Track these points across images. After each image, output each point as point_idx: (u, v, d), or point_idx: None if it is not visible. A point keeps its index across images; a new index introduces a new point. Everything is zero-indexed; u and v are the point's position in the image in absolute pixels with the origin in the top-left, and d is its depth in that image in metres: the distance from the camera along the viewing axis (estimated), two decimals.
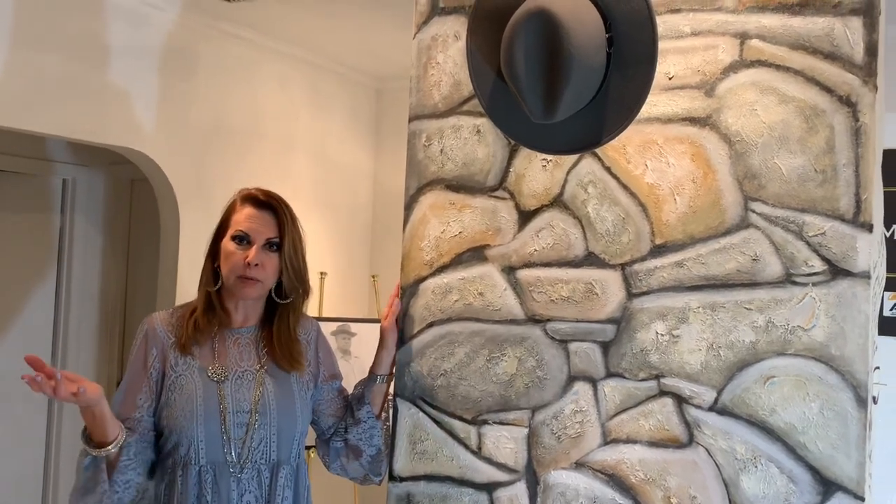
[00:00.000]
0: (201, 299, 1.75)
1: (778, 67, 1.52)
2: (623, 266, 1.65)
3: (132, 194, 4.12)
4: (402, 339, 1.86)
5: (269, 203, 1.78)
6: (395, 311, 1.84)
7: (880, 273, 1.64)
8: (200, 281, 1.79)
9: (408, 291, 1.88)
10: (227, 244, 1.74)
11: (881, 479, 2.66)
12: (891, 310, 2.79)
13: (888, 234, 2.81)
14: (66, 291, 3.89)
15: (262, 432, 1.70)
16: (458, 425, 1.79)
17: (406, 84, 1.93)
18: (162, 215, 3.52)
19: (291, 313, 1.82)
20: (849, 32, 1.47)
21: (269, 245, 1.75)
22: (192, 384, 1.68)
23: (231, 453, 1.67)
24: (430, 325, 1.84)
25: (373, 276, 4.33)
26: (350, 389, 1.92)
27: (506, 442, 1.74)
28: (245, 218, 1.74)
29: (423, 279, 1.86)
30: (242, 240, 1.73)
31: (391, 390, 1.87)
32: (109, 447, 1.58)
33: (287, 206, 1.81)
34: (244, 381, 1.72)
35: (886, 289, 2.81)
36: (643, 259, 1.63)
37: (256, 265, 1.71)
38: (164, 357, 1.70)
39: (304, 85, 4.09)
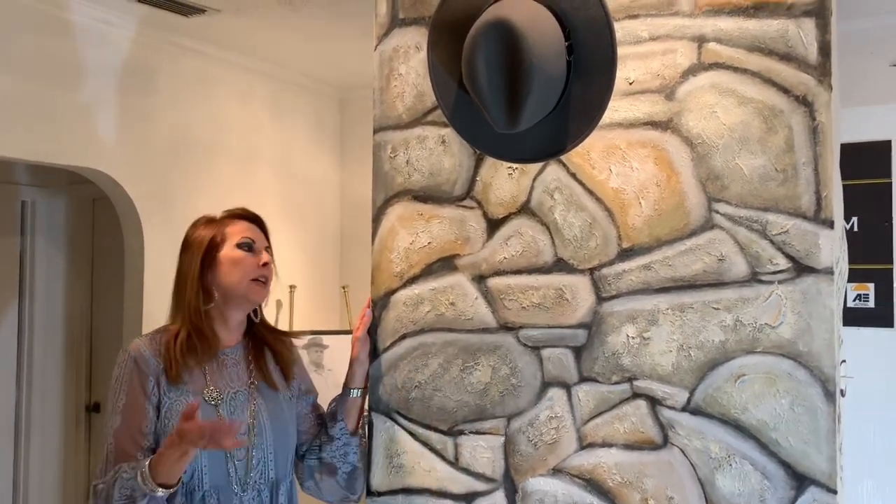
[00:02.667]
0: (189, 323, 1.71)
1: (735, 69, 1.54)
2: (592, 271, 1.66)
3: (94, 214, 4.05)
4: (375, 353, 1.85)
5: (255, 217, 1.85)
6: (367, 322, 1.83)
7: (843, 268, 1.67)
8: (183, 303, 1.73)
9: (379, 304, 1.87)
10: (233, 253, 1.75)
11: (850, 468, 2.71)
12: (854, 300, 2.85)
13: (848, 227, 2.87)
14: (29, 315, 3.80)
15: (259, 452, 1.70)
16: (434, 437, 1.78)
17: (370, 93, 1.92)
18: (125, 234, 3.47)
19: (271, 328, 1.86)
20: (802, 34, 1.49)
21: (266, 249, 1.82)
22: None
23: (234, 476, 1.66)
24: (403, 337, 1.83)
25: (343, 287, 4.31)
26: (325, 404, 1.91)
27: (483, 451, 1.73)
28: (242, 229, 1.78)
29: (394, 291, 1.85)
30: (249, 247, 1.77)
31: (366, 404, 1.86)
32: (174, 487, 1.55)
33: None
34: (238, 403, 1.71)
35: (849, 279, 2.86)
36: (611, 263, 1.64)
37: (266, 264, 1.77)
38: (158, 384, 1.67)
39: (266, 97, 4.06)
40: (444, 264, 1.81)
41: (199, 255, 1.74)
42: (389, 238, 1.87)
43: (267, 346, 1.82)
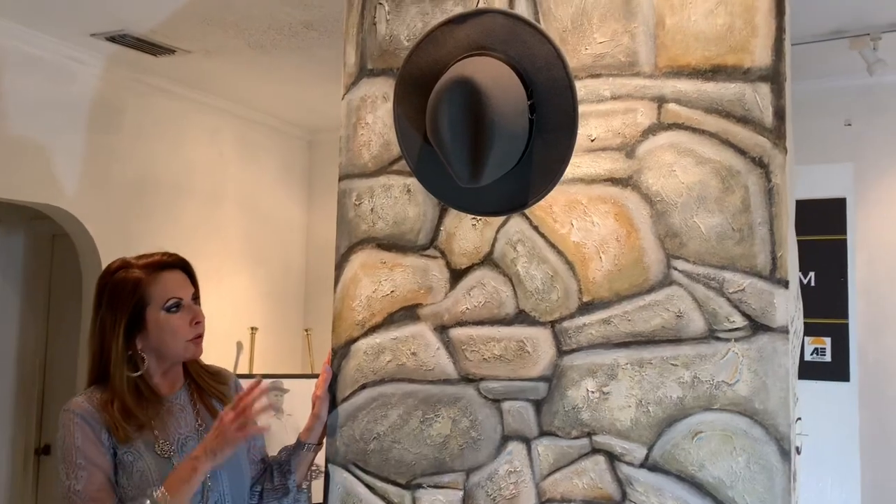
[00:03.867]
0: (124, 388, 1.62)
1: (694, 130, 1.58)
2: (553, 324, 1.67)
3: (53, 250, 3.97)
4: (334, 402, 1.83)
5: (177, 263, 1.72)
6: (327, 379, 1.81)
7: (798, 326, 1.70)
8: (108, 373, 1.63)
9: (339, 353, 1.85)
10: (162, 318, 1.65)
11: None
12: (811, 354, 2.89)
13: (805, 282, 2.93)
14: None
15: (215, 495, 1.66)
16: (391, 490, 1.75)
17: (338, 136, 1.93)
18: (84, 272, 3.40)
19: (206, 368, 1.82)
20: (758, 98, 1.54)
21: (193, 299, 1.73)
22: (144, 465, 1.60)
23: None
24: (363, 387, 1.81)
25: (306, 330, 4.26)
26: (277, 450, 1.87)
27: None
28: (167, 286, 1.68)
29: (355, 340, 1.84)
30: (177, 307, 1.67)
31: (316, 458, 1.83)
32: None
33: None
34: (189, 449, 1.66)
35: (807, 334, 2.91)
36: (572, 316, 1.65)
37: (198, 322, 1.70)
38: (109, 437, 1.61)
39: (234, 137, 4.05)
40: (407, 313, 1.80)
41: (123, 322, 1.63)
42: (352, 285, 1.86)
43: (205, 388, 1.77)
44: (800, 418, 1.71)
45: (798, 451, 1.63)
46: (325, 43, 3.14)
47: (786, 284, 1.50)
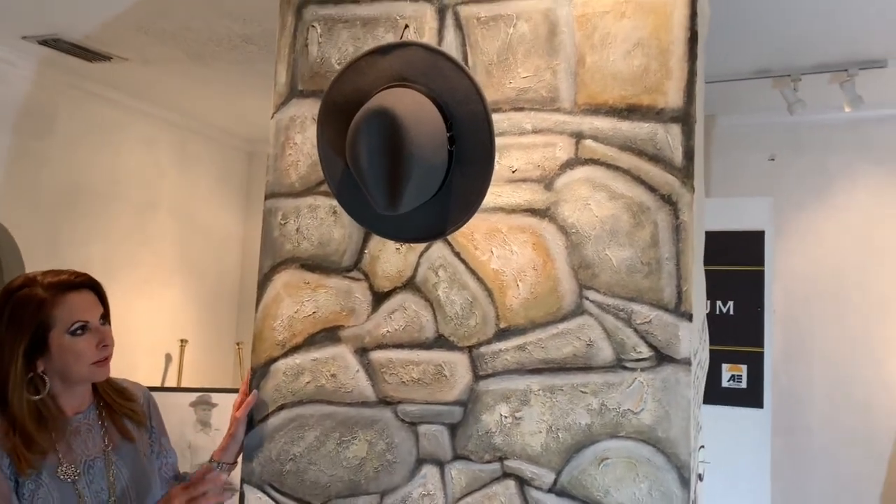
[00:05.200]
0: (24, 412, 1.56)
1: (608, 166, 1.64)
2: (470, 349, 1.70)
3: None
4: (251, 423, 1.82)
5: (85, 283, 1.66)
6: (251, 403, 1.80)
7: (702, 357, 1.77)
8: (6, 399, 1.55)
9: (259, 372, 1.84)
10: (67, 341, 1.59)
11: None
12: (728, 381, 3.00)
13: (725, 310, 3.04)
14: None
15: None
16: None
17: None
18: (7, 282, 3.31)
19: (114, 386, 1.76)
20: (670, 138, 1.61)
21: (102, 321, 1.68)
22: (45, 492, 1.55)
23: None
24: (281, 407, 1.81)
25: (238, 344, 4.22)
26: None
27: None
28: (72, 307, 1.61)
29: (275, 360, 1.84)
30: (83, 329, 1.61)
31: (231, 477, 1.82)
32: None
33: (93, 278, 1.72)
34: (96, 471, 1.62)
35: (725, 361, 3.02)
36: (489, 342, 1.69)
37: (105, 345, 1.64)
38: (10, 468, 1.55)
39: (171, 146, 4.00)
40: (328, 335, 1.81)
41: (23, 344, 1.56)
42: (274, 305, 1.86)
43: (114, 406, 1.73)
44: (703, 446, 1.78)
45: (700, 477, 1.69)
46: (264, 57, 3.14)
47: (689, 318, 1.56)
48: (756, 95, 3.40)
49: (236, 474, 1.82)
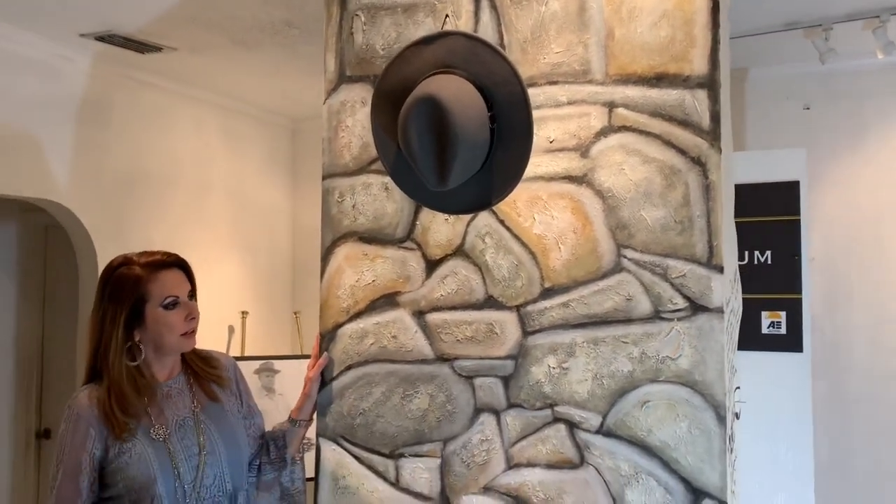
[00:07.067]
0: (123, 378, 1.76)
1: (640, 132, 1.76)
2: (518, 308, 1.85)
3: (47, 241, 4.11)
4: (323, 382, 2.01)
5: (175, 262, 1.86)
6: (322, 364, 1.99)
7: (734, 306, 1.89)
8: (107, 364, 1.75)
9: (327, 337, 2.03)
10: (160, 314, 1.78)
11: (763, 484, 2.94)
12: (768, 328, 3.10)
13: (763, 259, 3.13)
14: None
15: (213, 468, 1.79)
16: (377, 460, 1.94)
17: (321, 126, 2.07)
18: (80, 262, 3.55)
19: (202, 355, 1.95)
20: (697, 103, 1.72)
21: (190, 296, 1.87)
22: (141, 448, 1.74)
23: (191, 496, 1.76)
24: (349, 367, 1.99)
25: (295, 313, 4.44)
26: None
27: (421, 472, 1.90)
28: (165, 283, 1.80)
29: (341, 325, 2.01)
30: (174, 304, 1.80)
31: (306, 434, 2.01)
32: None
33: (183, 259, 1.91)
34: (186, 430, 1.80)
35: (764, 308, 3.12)
36: (535, 301, 1.84)
37: (193, 318, 1.83)
38: (103, 438, 1.74)
39: (219, 128, 4.19)
40: (387, 300, 1.98)
41: (123, 315, 1.75)
42: (337, 276, 2.03)
43: (201, 373, 1.89)
44: (738, 387, 1.91)
45: (737, 416, 1.83)
46: (306, 40, 3.28)
47: (721, 270, 1.69)
48: (787, 47, 3.43)
49: (312, 430, 2.02)
